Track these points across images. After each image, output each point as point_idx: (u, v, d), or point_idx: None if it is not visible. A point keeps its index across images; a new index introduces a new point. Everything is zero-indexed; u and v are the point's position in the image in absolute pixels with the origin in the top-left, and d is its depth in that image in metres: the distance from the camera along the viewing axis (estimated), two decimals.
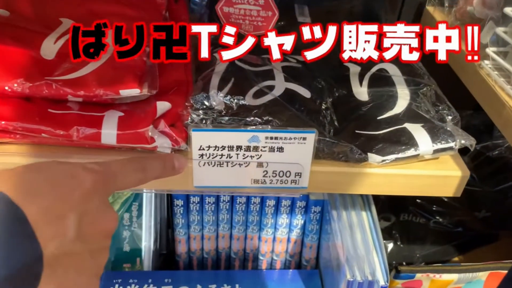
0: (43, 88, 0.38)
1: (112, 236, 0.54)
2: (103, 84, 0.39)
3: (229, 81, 0.47)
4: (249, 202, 0.68)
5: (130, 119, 0.40)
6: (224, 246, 0.74)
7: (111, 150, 0.40)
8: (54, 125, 0.38)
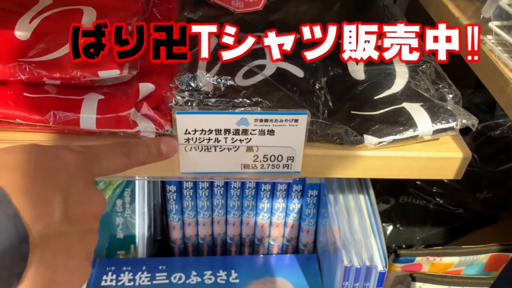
0: (16, 70, 0.36)
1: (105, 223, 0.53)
2: (81, 65, 0.36)
3: (217, 60, 0.44)
4: (244, 186, 0.66)
5: (110, 102, 0.37)
6: (220, 232, 0.72)
7: (92, 136, 0.38)
8: (29, 110, 0.36)
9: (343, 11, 0.54)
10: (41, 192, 0.25)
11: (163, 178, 0.65)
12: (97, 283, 0.66)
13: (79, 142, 0.38)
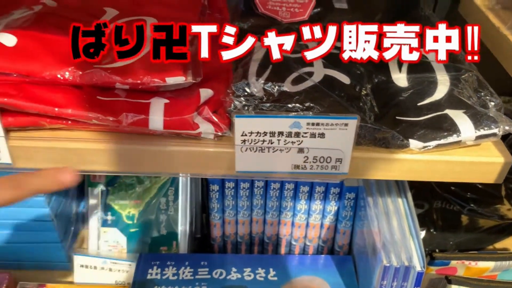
0: (93, 76, 0.39)
1: (150, 220, 0.56)
2: (150, 72, 0.40)
3: (267, 67, 0.47)
4: (283, 188, 0.69)
5: (175, 105, 0.41)
6: (258, 231, 0.75)
7: (157, 136, 0.42)
8: (104, 112, 0.39)
9: (384, 21, 0.57)
10: None
11: (210, 176, 0.68)
12: (142, 276, 0.70)
13: (145, 142, 0.41)
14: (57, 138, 0.41)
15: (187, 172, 0.42)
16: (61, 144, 0.41)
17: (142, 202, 0.77)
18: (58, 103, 0.39)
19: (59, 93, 0.40)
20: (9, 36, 0.41)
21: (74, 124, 0.41)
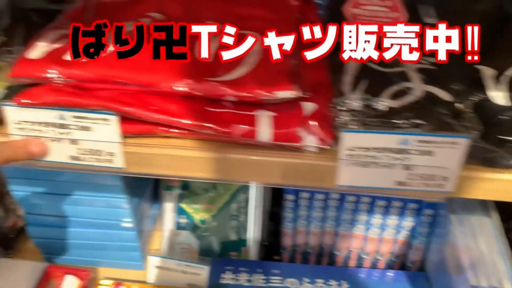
0: (207, 88, 0.41)
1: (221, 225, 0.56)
2: (260, 85, 0.41)
3: (365, 82, 0.48)
4: (359, 201, 0.69)
5: (282, 118, 0.42)
6: (329, 243, 0.75)
7: (257, 146, 0.43)
8: (216, 122, 0.41)
9: None
10: None
11: (278, 185, 0.69)
12: (215, 280, 0.71)
13: (250, 151, 0.43)
14: (168, 146, 0.43)
15: (286, 183, 0.43)
16: (171, 151, 0.43)
17: (214, 207, 0.79)
18: (175, 113, 0.41)
19: (173, 103, 0.42)
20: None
21: (186, 133, 0.43)
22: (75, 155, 0.44)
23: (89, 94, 0.42)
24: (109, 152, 0.43)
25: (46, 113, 0.42)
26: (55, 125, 0.42)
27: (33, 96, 0.41)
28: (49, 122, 0.42)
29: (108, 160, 0.44)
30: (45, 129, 0.43)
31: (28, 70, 0.42)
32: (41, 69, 0.42)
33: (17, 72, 0.42)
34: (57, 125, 0.42)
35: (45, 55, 0.43)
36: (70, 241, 0.77)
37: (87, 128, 0.42)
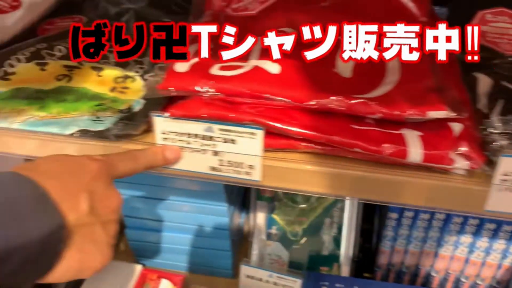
0: (358, 105, 0.41)
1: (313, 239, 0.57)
2: (410, 104, 0.40)
3: (501, 102, 0.46)
4: (465, 223, 0.66)
5: (431, 139, 0.41)
6: (426, 264, 0.73)
7: (402, 166, 0.42)
8: (364, 140, 0.40)
9: None
10: (71, 190, 0.33)
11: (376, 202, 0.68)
12: None
13: (398, 172, 0.42)
14: (306, 161, 0.43)
15: (429, 205, 0.42)
16: (308, 167, 0.43)
17: (307, 220, 0.78)
18: (322, 129, 0.41)
19: (320, 119, 0.42)
20: (273, 64, 0.44)
21: (329, 150, 0.42)
22: (215, 166, 0.45)
23: (237, 108, 0.42)
24: (250, 165, 0.44)
25: (195, 125, 0.43)
26: (201, 137, 0.43)
27: (186, 109, 0.42)
28: (196, 133, 0.43)
29: (247, 172, 0.44)
30: (190, 140, 0.44)
31: (179, 84, 0.43)
32: (191, 82, 0.43)
33: (167, 85, 0.43)
34: (203, 137, 0.43)
35: (191, 68, 0.45)
36: (165, 246, 0.79)
37: (232, 141, 0.43)
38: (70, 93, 0.52)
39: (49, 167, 0.35)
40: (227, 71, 0.44)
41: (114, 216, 0.37)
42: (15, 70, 0.55)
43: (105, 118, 0.47)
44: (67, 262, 0.32)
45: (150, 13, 0.63)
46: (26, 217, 0.29)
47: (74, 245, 0.33)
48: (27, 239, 0.29)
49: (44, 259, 0.31)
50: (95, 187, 0.35)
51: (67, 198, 0.32)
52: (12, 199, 0.29)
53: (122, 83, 0.53)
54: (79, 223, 0.33)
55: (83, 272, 0.34)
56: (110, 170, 0.38)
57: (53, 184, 0.32)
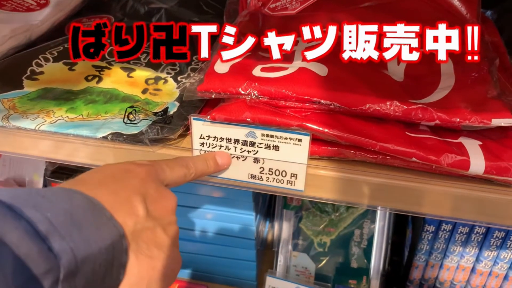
0: (416, 111, 0.38)
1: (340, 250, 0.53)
2: (474, 111, 0.37)
3: None
4: (507, 238, 0.63)
5: (493, 148, 0.38)
6: (462, 279, 0.69)
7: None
8: (423, 150, 0.37)
9: None
10: (123, 196, 0.31)
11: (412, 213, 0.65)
12: None
13: (461, 184, 0.39)
14: (352, 170, 0.40)
15: (478, 219, 0.39)
16: (353, 176, 0.40)
17: (335, 230, 0.75)
18: (376, 136, 0.38)
19: (372, 125, 0.39)
20: (320, 66, 0.42)
21: (380, 159, 0.39)
22: (255, 174, 0.42)
23: (282, 112, 0.40)
24: (293, 173, 0.41)
25: (235, 129, 0.40)
26: (242, 142, 0.41)
27: (228, 112, 0.39)
28: (236, 139, 0.40)
29: (290, 181, 0.41)
30: (230, 145, 0.41)
31: (220, 85, 0.40)
32: (234, 84, 0.40)
33: (208, 87, 0.41)
34: (244, 143, 0.40)
35: (232, 69, 0.42)
36: (187, 254, 0.76)
37: (275, 147, 0.40)
38: (100, 94, 0.50)
39: (95, 178, 0.33)
40: (270, 73, 0.41)
41: (173, 218, 0.35)
42: (43, 70, 0.53)
43: (139, 121, 0.44)
44: (137, 271, 0.30)
45: (181, 12, 0.61)
46: (87, 229, 0.27)
47: (139, 252, 0.30)
48: (93, 250, 0.27)
49: (111, 271, 0.28)
50: (146, 189, 0.33)
51: (121, 205, 0.31)
52: (69, 211, 0.27)
53: (154, 85, 0.51)
54: (138, 228, 0.31)
55: (158, 282, 0.31)
56: (159, 173, 0.36)
57: (104, 194, 0.30)
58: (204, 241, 0.73)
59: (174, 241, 0.34)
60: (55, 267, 0.24)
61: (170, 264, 0.32)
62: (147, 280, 0.30)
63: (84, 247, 0.26)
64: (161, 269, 0.31)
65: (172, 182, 0.37)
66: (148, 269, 0.30)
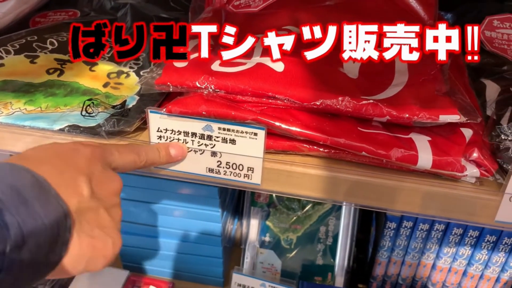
0: (366, 107, 0.39)
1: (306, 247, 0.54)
2: (423, 107, 0.38)
3: (510, 109, 0.45)
4: (465, 235, 0.65)
5: (441, 144, 0.39)
6: (423, 275, 0.71)
7: (405, 172, 0.40)
8: (373, 144, 0.38)
9: None
10: (69, 175, 0.31)
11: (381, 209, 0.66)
12: None
13: (402, 177, 0.40)
14: (308, 165, 0.41)
15: (438, 214, 0.40)
16: (311, 170, 0.41)
17: (302, 228, 0.76)
18: (328, 131, 0.39)
19: (326, 121, 0.40)
20: (277, 62, 0.42)
21: (334, 153, 0.40)
22: (212, 168, 0.42)
23: (238, 106, 0.40)
24: (250, 167, 0.42)
25: (192, 123, 0.40)
26: (199, 136, 0.41)
27: (185, 105, 0.39)
28: (193, 132, 0.41)
29: (247, 175, 0.42)
30: (187, 139, 0.41)
31: (177, 79, 0.41)
32: (191, 78, 0.40)
33: (165, 80, 0.41)
34: (201, 136, 0.41)
35: (190, 63, 0.42)
36: (153, 251, 0.76)
37: (232, 141, 0.40)
38: (60, 87, 0.50)
39: (41, 155, 0.33)
40: (228, 68, 0.42)
41: (117, 200, 0.35)
42: (3, 62, 0.52)
43: (97, 114, 0.44)
44: (78, 249, 0.30)
45: (148, 8, 0.61)
46: (33, 206, 0.27)
47: (82, 231, 0.31)
48: (39, 226, 0.27)
49: (55, 247, 0.29)
50: (92, 170, 0.33)
51: (65, 184, 0.31)
52: (16, 187, 0.27)
53: (115, 79, 0.51)
54: (82, 208, 0.31)
55: (96, 261, 0.32)
56: (106, 155, 0.36)
57: (50, 171, 0.30)
58: (171, 238, 0.73)
59: (116, 223, 0.34)
60: (2, 239, 0.25)
61: (110, 245, 0.33)
62: (86, 258, 0.31)
63: (30, 222, 0.27)
64: (100, 249, 0.32)
65: (121, 166, 0.37)
66: (88, 247, 0.31)
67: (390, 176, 0.40)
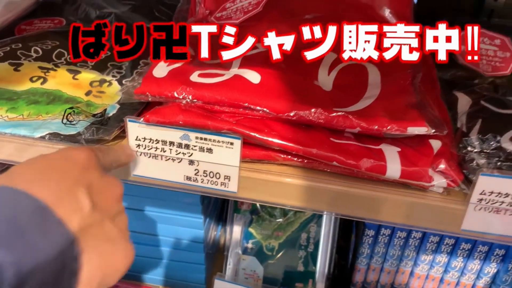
0: (337, 118, 0.40)
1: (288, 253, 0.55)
2: (392, 119, 0.40)
3: (480, 121, 0.46)
4: (441, 242, 0.66)
5: (410, 155, 0.41)
6: (401, 282, 0.72)
7: (376, 182, 0.41)
8: (344, 154, 0.40)
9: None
10: (66, 191, 0.28)
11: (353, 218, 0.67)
12: None
13: (373, 186, 0.41)
14: (283, 174, 0.42)
15: (407, 223, 0.42)
16: (287, 179, 0.42)
17: (283, 234, 0.77)
18: (301, 141, 0.40)
19: (299, 131, 0.41)
20: (254, 74, 0.44)
21: (307, 163, 0.42)
22: (190, 176, 0.44)
23: (215, 116, 0.41)
24: (227, 176, 0.43)
25: (170, 132, 0.41)
26: (176, 145, 0.42)
27: (162, 115, 0.41)
28: (171, 141, 0.42)
29: (224, 183, 0.43)
30: (165, 147, 0.42)
31: (156, 89, 0.42)
32: (169, 88, 0.42)
33: (144, 90, 0.42)
34: (179, 145, 0.42)
35: (170, 74, 0.44)
36: (136, 258, 0.76)
37: (208, 150, 0.42)
38: (43, 95, 0.50)
39: (32, 172, 0.29)
40: (206, 79, 0.43)
41: (120, 206, 0.33)
42: None
43: (78, 122, 0.45)
44: (88, 274, 0.27)
45: (132, 18, 0.62)
46: (33, 237, 0.24)
47: (89, 250, 0.28)
48: (40, 260, 0.24)
49: (61, 281, 0.26)
50: (89, 179, 0.30)
51: (63, 200, 0.28)
52: (13, 218, 0.25)
53: (98, 87, 0.52)
54: (85, 224, 0.28)
55: (109, 278, 0.29)
56: (99, 157, 0.34)
57: (45, 190, 0.27)
58: (153, 244, 0.74)
59: (124, 232, 0.32)
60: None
61: (121, 258, 0.30)
62: (98, 279, 0.28)
63: (30, 258, 0.24)
64: (112, 265, 0.29)
65: (112, 165, 0.36)
66: (100, 268, 0.28)
67: (363, 186, 0.42)
